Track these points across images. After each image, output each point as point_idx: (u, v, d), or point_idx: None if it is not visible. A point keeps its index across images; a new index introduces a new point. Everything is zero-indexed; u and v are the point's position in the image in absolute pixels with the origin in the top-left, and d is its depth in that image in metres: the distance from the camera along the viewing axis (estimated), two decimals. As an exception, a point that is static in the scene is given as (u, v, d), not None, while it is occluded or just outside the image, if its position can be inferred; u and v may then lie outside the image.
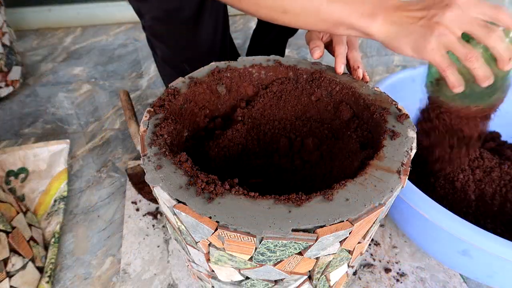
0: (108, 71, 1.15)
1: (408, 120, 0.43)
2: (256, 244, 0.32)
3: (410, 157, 0.39)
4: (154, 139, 0.40)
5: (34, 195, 0.70)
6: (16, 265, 0.53)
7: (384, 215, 0.41)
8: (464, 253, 0.49)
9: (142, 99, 1.03)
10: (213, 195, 0.34)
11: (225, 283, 0.42)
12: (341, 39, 0.52)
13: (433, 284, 0.58)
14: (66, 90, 1.05)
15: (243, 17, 1.48)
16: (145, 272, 0.59)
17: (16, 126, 0.92)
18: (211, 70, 0.52)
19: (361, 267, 0.60)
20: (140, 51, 1.25)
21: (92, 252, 0.63)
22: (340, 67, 0.51)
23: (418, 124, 0.55)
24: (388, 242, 0.64)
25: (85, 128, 0.91)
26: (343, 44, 0.51)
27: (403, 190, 0.50)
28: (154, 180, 0.35)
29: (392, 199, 0.36)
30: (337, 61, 0.51)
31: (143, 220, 0.67)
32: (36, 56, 1.22)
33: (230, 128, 0.53)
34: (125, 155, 0.83)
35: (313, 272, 0.39)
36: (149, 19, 0.75)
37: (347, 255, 0.39)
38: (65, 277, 0.60)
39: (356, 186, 0.35)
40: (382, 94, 0.48)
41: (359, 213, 0.33)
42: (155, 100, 0.46)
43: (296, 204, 0.33)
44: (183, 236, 0.38)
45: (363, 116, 0.48)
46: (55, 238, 0.63)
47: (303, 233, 0.31)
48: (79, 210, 0.70)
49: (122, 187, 0.75)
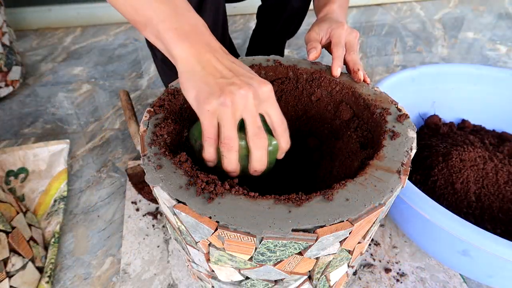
0: (108, 71, 1.15)
1: (408, 120, 0.43)
2: (256, 244, 0.32)
3: (410, 157, 0.39)
4: (154, 139, 0.40)
5: (34, 195, 0.70)
6: (16, 265, 0.53)
7: (384, 215, 0.41)
8: (464, 253, 0.49)
9: (142, 99, 1.03)
10: (213, 195, 0.34)
11: (225, 283, 0.42)
12: (339, 41, 0.51)
13: (433, 284, 0.58)
14: (66, 90, 1.05)
15: (243, 17, 1.48)
16: (145, 272, 0.59)
17: (16, 126, 0.92)
18: (211, 70, 0.52)
19: (361, 267, 0.60)
20: (140, 51, 1.25)
21: (92, 252, 0.63)
22: (336, 69, 0.50)
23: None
24: (388, 242, 0.64)
25: (85, 128, 0.91)
26: (341, 46, 0.51)
27: (403, 190, 0.50)
28: (154, 180, 0.35)
29: (392, 199, 0.36)
30: (334, 63, 0.51)
31: (143, 220, 0.67)
32: (36, 56, 1.22)
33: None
34: (125, 155, 0.83)
35: (313, 272, 0.39)
36: None
37: (347, 255, 0.39)
38: (65, 277, 0.59)
39: (356, 186, 0.35)
40: (382, 94, 0.48)
41: (359, 213, 0.33)
42: (155, 100, 0.46)
43: (296, 204, 0.33)
44: (183, 236, 0.38)
45: (363, 116, 0.48)
46: (55, 238, 0.63)
47: (303, 233, 0.31)
48: (79, 210, 0.70)
49: (122, 187, 0.75)
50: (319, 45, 0.52)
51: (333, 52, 0.51)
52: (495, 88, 0.78)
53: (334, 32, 0.52)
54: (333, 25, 0.53)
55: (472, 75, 0.78)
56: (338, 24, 0.53)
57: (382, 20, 1.50)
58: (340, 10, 0.59)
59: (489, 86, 0.78)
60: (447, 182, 0.61)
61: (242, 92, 0.35)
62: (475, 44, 1.34)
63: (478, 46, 1.33)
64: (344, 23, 0.53)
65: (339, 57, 0.50)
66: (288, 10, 0.90)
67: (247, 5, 1.05)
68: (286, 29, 0.97)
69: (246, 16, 1.49)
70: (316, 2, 0.66)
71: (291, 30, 0.98)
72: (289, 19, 0.93)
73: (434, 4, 1.66)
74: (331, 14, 0.58)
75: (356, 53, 0.51)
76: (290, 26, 0.96)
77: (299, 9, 0.90)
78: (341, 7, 0.60)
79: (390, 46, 1.31)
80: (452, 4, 1.66)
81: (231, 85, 0.35)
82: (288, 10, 0.90)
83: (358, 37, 0.53)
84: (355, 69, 0.50)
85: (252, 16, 1.46)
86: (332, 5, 0.59)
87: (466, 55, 1.27)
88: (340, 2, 0.60)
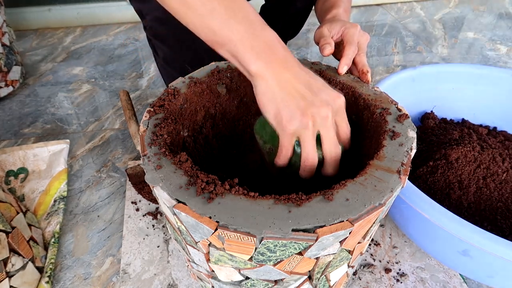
0: (108, 71, 1.15)
1: (408, 120, 0.43)
2: (256, 244, 0.32)
3: (410, 157, 0.39)
4: (154, 139, 0.40)
5: (34, 195, 0.70)
6: (16, 265, 0.53)
7: (384, 215, 0.41)
8: (464, 253, 0.49)
9: (142, 99, 1.03)
10: (213, 195, 0.34)
11: (225, 283, 0.42)
12: (352, 40, 0.51)
13: (433, 284, 0.58)
14: (66, 90, 1.05)
15: (243, 17, 1.48)
16: (145, 272, 0.59)
17: (16, 126, 0.92)
18: (211, 70, 0.52)
19: (361, 267, 0.60)
20: (140, 51, 1.25)
21: (92, 252, 0.63)
22: (343, 67, 0.50)
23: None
24: (388, 242, 0.64)
25: (85, 128, 0.91)
26: (354, 45, 0.51)
27: (403, 190, 0.50)
28: (154, 180, 0.35)
29: (392, 199, 0.36)
30: (342, 61, 0.50)
31: (143, 220, 0.67)
32: (36, 56, 1.22)
33: (230, 128, 0.53)
34: (125, 155, 0.83)
35: (313, 272, 0.39)
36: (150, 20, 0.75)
37: (347, 255, 0.39)
38: (65, 277, 0.59)
39: (356, 186, 0.35)
40: (382, 94, 0.48)
41: (359, 213, 0.33)
42: (155, 100, 0.46)
43: (296, 204, 0.33)
44: (183, 236, 0.38)
45: (363, 116, 0.48)
46: (55, 238, 0.63)
47: (303, 233, 0.31)
48: (79, 210, 0.70)
49: (122, 187, 0.75)
50: (332, 41, 0.52)
51: (345, 50, 0.51)
52: (495, 88, 0.78)
53: (348, 31, 0.52)
54: (347, 25, 0.53)
55: (472, 75, 0.78)
56: (352, 24, 0.53)
57: (382, 20, 1.50)
58: (345, 14, 0.61)
59: (489, 86, 0.78)
60: (447, 182, 0.61)
61: (322, 114, 0.37)
62: (475, 44, 1.34)
63: (478, 46, 1.33)
64: (357, 25, 0.53)
65: (349, 55, 0.50)
66: (292, 10, 0.90)
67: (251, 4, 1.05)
68: (288, 28, 0.97)
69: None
70: (321, 5, 0.67)
71: (293, 30, 0.98)
72: (292, 19, 0.93)
73: (434, 4, 1.66)
74: (339, 17, 0.59)
75: (365, 55, 0.52)
76: (292, 25, 0.96)
77: (303, 9, 0.90)
78: (345, 11, 0.62)
79: (390, 46, 1.31)
80: (452, 4, 1.66)
81: (311, 106, 0.37)
82: (292, 10, 0.90)
83: (369, 40, 0.53)
84: (364, 71, 0.50)
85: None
86: (339, 9, 0.61)
87: (466, 55, 1.27)
88: (345, 7, 0.62)
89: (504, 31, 1.43)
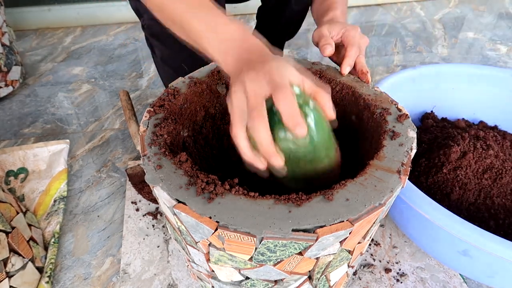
0: (108, 71, 1.15)
1: (408, 120, 0.43)
2: (256, 244, 0.32)
3: (410, 157, 0.39)
4: (154, 139, 0.40)
5: (33, 195, 0.70)
6: (16, 265, 0.53)
7: (384, 215, 0.41)
8: (464, 253, 0.49)
9: (142, 99, 1.03)
10: (213, 195, 0.34)
11: (225, 283, 0.42)
12: (354, 42, 0.51)
13: (433, 284, 0.58)
14: (65, 90, 1.05)
15: (243, 17, 1.48)
16: (145, 272, 0.59)
17: (16, 126, 0.92)
18: (211, 70, 0.52)
19: (361, 267, 0.60)
20: (140, 51, 1.25)
21: (92, 252, 0.63)
22: (345, 68, 0.50)
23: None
24: (388, 242, 0.64)
25: (85, 128, 0.91)
26: (355, 47, 0.51)
27: (403, 190, 0.50)
28: (154, 180, 0.35)
29: (392, 199, 0.36)
30: (344, 62, 0.51)
31: (143, 220, 0.67)
32: (36, 56, 1.22)
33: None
34: (125, 155, 0.83)
35: (313, 272, 0.39)
36: (147, 18, 0.74)
37: (347, 255, 0.39)
38: (65, 277, 0.59)
39: (356, 186, 0.35)
40: (382, 94, 0.48)
41: (359, 213, 0.33)
42: (155, 100, 0.46)
43: (296, 204, 0.33)
44: (183, 236, 0.38)
45: (363, 116, 0.48)
46: (55, 238, 0.63)
47: (303, 233, 0.31)
48: (79, 210, 0.70)
49: (122, 187, 0.75)
50: (332, 42, 0.52)
51: (347, 51, 0.51)
52: (495, 88, 0.78)
53: (349, 33, 0.53)
54: (348, 27, 0.53)
55: (472, 75, 0.78)
56: (352, 27, 0.53)
57: (382, 20, 1.50)
58: (342, 16, 0.61)
59: (489, 86, 0.78)
60: (448, 181, 0.61)
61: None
62: (475, 44, 1.34)
63: (478, 46, 1.33)
64: (357, 27, 0.53)
65: (351, 56, 0.51)
66: (288, 12, 0.90)
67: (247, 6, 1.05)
68: (286, 29, 0.97)
69: (246, 16, 1.49)
70: (317, 7, 0.67)
71: (291, 31, 0.98)
72: (289, 20, 0.93)
73: (434, 4, 1.66)
74: (337, 19, 0.59)
75: (363, 55, 0.52)
76: (289, 27, 0.96)
77: (299, 11, 0.90)
78: (343, 14, 0.62)
79: (390, 46, 1.31)
80: (452, 4, 1.66)
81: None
82: (288, 12, 0.90)
83: (367, 44, 0.53)
84: (364, 71, 0.51)
85: (252, 16, 1.46)
86: (336, 11, 0.61)
87: (466, 55, 1.27)
88: (342, 9, 0.62)
89: (504, 31, 1.43)
